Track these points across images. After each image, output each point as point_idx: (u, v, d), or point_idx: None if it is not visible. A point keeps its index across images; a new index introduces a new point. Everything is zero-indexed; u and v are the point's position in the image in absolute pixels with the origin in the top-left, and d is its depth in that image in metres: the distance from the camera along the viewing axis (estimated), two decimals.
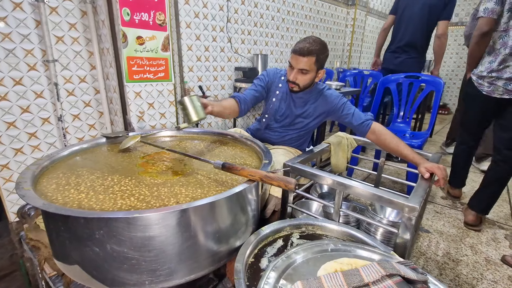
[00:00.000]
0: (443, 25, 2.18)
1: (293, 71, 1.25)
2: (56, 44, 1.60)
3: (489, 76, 1.46)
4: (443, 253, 1.37)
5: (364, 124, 1.27)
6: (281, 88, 1.40)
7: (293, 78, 1.26)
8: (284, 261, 0.83)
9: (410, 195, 0.92)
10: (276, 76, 1.42)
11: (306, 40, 1.21)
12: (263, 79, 1.42)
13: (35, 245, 1.28)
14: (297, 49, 1.21)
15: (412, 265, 0.79)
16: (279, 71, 1.44)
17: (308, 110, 1.37)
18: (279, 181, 0.77)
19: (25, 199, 0.68)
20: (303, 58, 1.20)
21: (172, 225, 0.70)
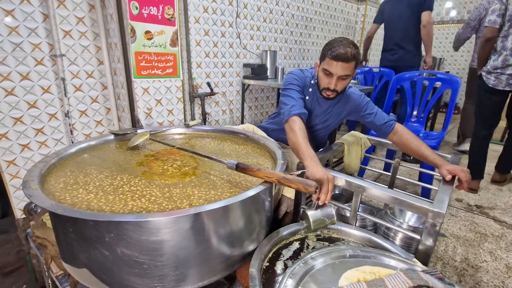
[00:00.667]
0: (426, 15, 2.38)
1: (332, 78, 1.12)
2: (64, 39, 1.57)
3: (494, 72, 1.82)
4: (461, 258, 1.32)
5: (387, 125, 1.21)
6: (310, 92, 1.29)
7: (334, 86, 1.13)
8: (301, 267, 0.79)
9: (434, 199, 0.87)
10: (306, 80, 1.29)
11: (343, 43, 1.07)
12: (298, 84, 1.25)
13: (41, 243, 1.25)
14: (339, 54, 1.06)
15: (438, 274, 0.74)
16: (306, 73, 1.30)
17: (331, 113, 1.31)
18: (298, 184, 0.72)
19: (33, 199, 0.65)
20: (347, 64, 1.08)
21: (186, 229, 0.66)
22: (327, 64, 1.11)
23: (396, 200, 0.88)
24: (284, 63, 2.93)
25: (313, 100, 1.30)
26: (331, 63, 1.09)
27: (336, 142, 1.45)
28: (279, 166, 0.92)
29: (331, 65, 1.10)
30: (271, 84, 2.36)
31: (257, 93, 2.74)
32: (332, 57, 1.08)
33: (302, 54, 3.12)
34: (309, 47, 3.19)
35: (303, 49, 3.12)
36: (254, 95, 2.71)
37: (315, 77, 1.27)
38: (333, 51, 1.07)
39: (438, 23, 5.29)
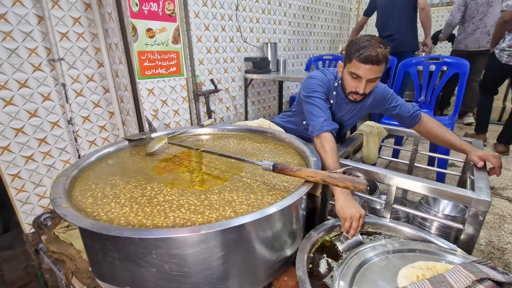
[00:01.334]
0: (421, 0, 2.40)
1: (361, 82, 1.03)
2: (61, 41, 1.48)
3: (508, 50, 2.12)
4: (485, 242, 1.33)
5: (413, 116, 1.18)
6: (334, 96, 1.20)
7: (363, 90, 1.04)
8: (349, 267, 0.76)
9: (475, 188, 0.86)
10: (330, 84, 1.19)
11: (373, 44, 0.96)
12: (323, 90, 1.15)
13: (59, 258, 1.20)
14: (369, 57, 0.95)
15: (490, 264, 0.73)
16: (329, 75, 1.20)
17: (355, 110, 1.24)
18: (346, 182, 0.69)
19: (69, 219, 0.60)
20: (377, 67, 0.98)
21: (238, 239, 0.63)
22: (354, 67, 1.01)
23: (436, 191, 0.86)
24: (284, 55, 2.87)
25: (337, 103, 1.22)
26: (359, 66, 0.99)
27: (355, 133, 1.43)
28: (312, 164, 0.89)
29: (359, 68, 1.00)
30: (276, 78, 2.31)
31: (259, 87, 2.69)
32: (360, 59, 0.98)
33: (300, 44, 3.07)
34: (307, 37, 3.13)
35: (302, 39, 3.06)
36: (256, 89, 2.66)
37: (338, 78, 1.18)
38: (362, 53, 0.97)
39: None
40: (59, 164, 1.58)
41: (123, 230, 0.55)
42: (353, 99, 1.12)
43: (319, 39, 3.37)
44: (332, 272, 0.78)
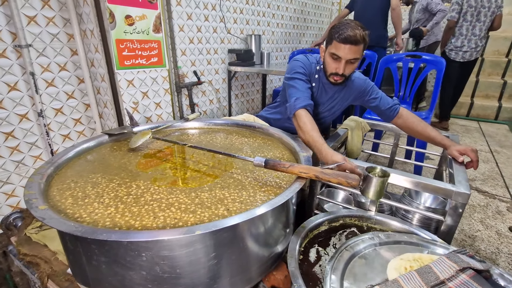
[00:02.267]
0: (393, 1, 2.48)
1: (340, 63, 1.08)
2: (28, 26, 1.35)
3: (454, 50, 2.79)
4: (458, 230, 1.42)
5: (392, 109, 1.22)
6: (316, 79, 1.23)
7: (342, 70, 1.09)
8: (340, 261, 0.78)
9: (455, 181, 0.90)
10: (312, 67, 1.23)
11: (351, 25, 1.02)
12: (305, 72, 1.19)
13: (31, 260, 1.12)
14: (348, 37, 1.01)
15: (468, 253, 0.77)
16: (310, 59, 1.24)
17: (337, 98, 1.27)
18: (339, 178, 0.70)
19: (48, 223, 0.55)
20: (356, 47, 1.03)
21: (232, 237, 0.61)
22: (335, 48, 1.07)
23: (420, 184, 0.89)
24: (267, 48, 2.84)
25: (319, 87, 1.26)
26: (339, 47, 1.05)
27: (340, 128, 1.45)
28: (303, 159, 0.89)
29: (339, 48, 1.05)
30: (261, 71, 2.28)
31: (243, 80, 2.65)
32: (340, 40, 1.03)
33: (284, 37, 3.05)
34: (291, 30, 3.12)
35: (285, 32, 3.04)
36: (240, 82, 2.62)
37: (320, 62, 1.23)
38: (341, 34, 1.03)
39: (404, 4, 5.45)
40: (29, 160, 1.47)
41: (110, 233, 0.52)
42: (334, 81, 1.15)
43: (302, 33, 3.36)
44: (321, 261, 0.80)
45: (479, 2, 2.48)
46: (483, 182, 1.93)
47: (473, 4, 2.49)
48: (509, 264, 1.21)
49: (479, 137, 2.92)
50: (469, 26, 2.62)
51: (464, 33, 2.65)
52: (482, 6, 2.48)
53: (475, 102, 3.64)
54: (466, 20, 2.61)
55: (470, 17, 2.58)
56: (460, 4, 2.55)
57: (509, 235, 1.38)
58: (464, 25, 2.63)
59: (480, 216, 1.54)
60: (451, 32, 2.73)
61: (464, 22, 2.62)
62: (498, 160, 2.33)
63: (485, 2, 2.46)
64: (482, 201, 1.69)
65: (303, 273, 0.75)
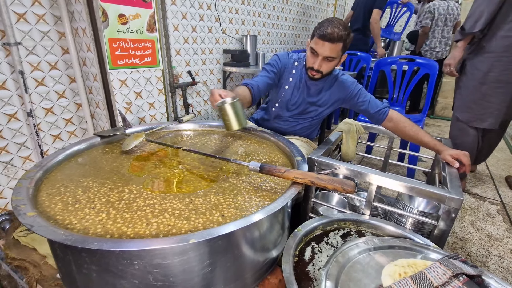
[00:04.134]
0: (374, 13, 2.71)
1: (317, 58, 1.12)
2: (17, 23, 1.31)
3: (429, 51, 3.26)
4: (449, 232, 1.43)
5: (381, 112, 1.22)
6: (294, 74, 1.27)
7: (318, 66, 1.13)
8: (334, 266, 0.78)
9: (448, 186, 0.91)
10: (289, 62, 1.28)
11: (333, 24, 1.06)
12: (275, 64, 1.27)
13: (20, 265, 1.09)
14: (325, 34, 1.05)
15: (461, 258, 0.78)
16: (291, 55, 1.31)
17: (323, 98, 1.28)
18: (335, 184, 0.69)
19: (37, 231, 0.53)
20: (332, 45, 1.07)
21: (228, 245, 0.60)
22: (314, 43, 1.12)
23: (414, 189, 0.90)
24: (262, 48, 2.83)
25: (299, 81, 1.28)
26: (317, 42, 1.10)
27: (335, 131, 1.45)
28: (299, 165, 0.89)
29: (317, 44, 1.10)
30: (256, 71, 2.27)
31: (238, 81, 2.63)
32: (319, 36, 1.08)
33: (279, 38, 3.04)
34: (286, 31, 3.12)
35: (281, 33, 3.04)
36: (235, 83, 2.60)
37: (302, 59, 1.27)
38: (321, 30, 1.07)
39: None
40: (17, 161, 1.43)
41: (102, 242, 0.50)
42: (311, 75, 1.20)
43: (297, 34, 3.37)
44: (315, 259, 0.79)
45: (446, 10, 3.07)
46: (474, 184, 1.96)
47: (442, 12, 3.07)
48: (499, 266, 1.23)
49: None
50: (439, 30, 3.15)
51: (436, 36, 3.19)
52: (448, 14, 3.08)
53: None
54: (437, 25, 3.14)
55: (440, 22, 3.12)
56: (432, 13, 3.10)
57: (498, 237, 1.41)
58: (436, 29, 3.16)
59: (471, 218, 1.56)
60: (425, 37, 3.23)
61: (436, 27, 3.15)
62: (488, 162, 2.37)
63: (449, 10, 3.07)
64: (473, 204, 1.71)
65: (296, 274, 0.76)
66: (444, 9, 3.06)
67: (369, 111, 1.25)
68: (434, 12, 3.07)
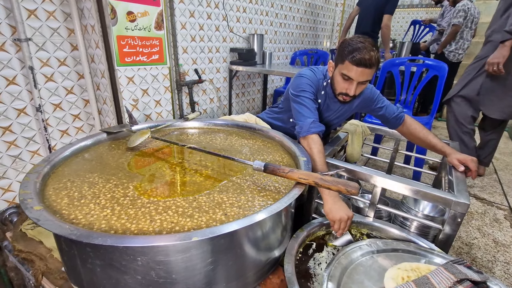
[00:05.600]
0: (386, 18, 2.69)
1: (352, 84, 1.02)
2: (28, 20, 1.33)
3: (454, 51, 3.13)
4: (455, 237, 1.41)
5: (398, 117, 1.20)
6: (323, 95, 1.18)
7: (353, 92, 1.04)
8: (337, 268, 0.77)
9: (455, 190, 0.90)
10: (319, 83, 1.17)
11: (366, 47, 0.96)
12: (312, 90, 1.13)
13: (26, 257, 1.11)
14: (362, 60, 0.95)
15: (466, 263, 0.77)
16: (318, 74, 1.18)
17: (342, 110, 1.24)
18: (339, 186, 0.69)
19: (43, 224, 0.54)
20: (369, 70, 0.98)
21: (230, 243, 0.60)
22: (346, 69, 1.00)
23: (419, 192, 0.89)
24: (269, 47, 2.82)
25: (325, 103, 1.21)
26: (351, 68, 0.98)
27: (340, 132, 1.44)
28: (302, 164, 0.88)
29: (351, 70, 0.99)
30: (262, 71, 2.27)
31: (244, 79, 2.64)
32: (353, 62, 0.97)
33: (286, 37, 3.03)
34: (293, 30, 3.10)
35: (288, 32, 3.03)
36: (241, 81, 2.60)
37: (327, 77, 1.16)
38: (355, 55, 0.96)
39: (408, 7, 5.45)
40: (26, 155, 1.46)
41: (106, 238, 0.51)
42: (343, 100, 1.11)
43: (305, 33, 3.35)
44: (316, 261, 0.79)
45: (473, 12, 2.95)
46: (482, 189, 1.93)
47: (472, 13, 2.94)
48: (505, 273, 1.21)
49: None
50: (468, 32, 3.03)
51: (464, 37, 3.05)
52: (474, 16, 2.96)
53: None
54: (467, 26, 3.00)
55: (470, 23, 2.98)
56: (466, 12, 2.91)
57: (505, 243, 1.38)
58: (465, 30, 3.02)
59: (478, 223, 1.54)
60: (454, 36, 3.05)
61: (465, 27, 3.00)
62: (497, 167, 2.33)
63: (475, 14, 2.97)
64: (480, 208, 1.69)
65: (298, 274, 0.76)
66: (473, 11, 2.92)
67: (386, 117, 1.23)
68: (468, 11, 2.89)
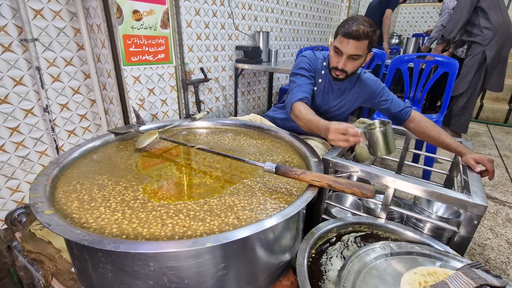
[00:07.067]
0: (387, 12, 3.06)
1: (341, 57, 1.06)
2: (34, 20, 1.33)
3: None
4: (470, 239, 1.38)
5: (403, 112, 1.18)
6: (323, 75, 1.20)
7: (342, 65, 1.07)
8: (350, 272, 0.76)
9: (471, 191, 0.87)
10: (318, 63, 1.21)
11: (358, 21, 1.00)
12: (310, 68, 1.18)
13: (36, 258, 1.11)
14: (350, 31, 0.99)
15: (484, 267, 0.75)
16: (318, 55, 1.23)
17: (346, 98, 1.24)
18: (353, 189, 0.67)
19: (54, 230, 0.53)
20: (357, 43, 1.01)
21: (243, 248, 0.59)
22: (338, 42, 1.06)
23: (434, 194, 0.86)
24: (275, 45, 2.80)
25: (326, 84, 1.23)
26: (342, 41, 1.04)
27: None
28: (313, 165, 0.86)
29: (342, 42, 1.04)
30: (268, 69, 2.24)
31: (249, 78, 2.61)
32: (343, 34, 1.02)
33: (292, 35, 3.00)
34: (299, 27, 3.07)
35: (293, 29, 2.99)
36: (247, 79, 2.58)
37: (327, 58, 1.20)
38: (346, 28, 1.01)
39: (414, 2, 5.37)
40: (34, 156, 1.46)
41: (118, 244, 0.50)
42: (336, 76, 1.14)
43: (310, 30, 3.31)
44: (328, 264, 0.77)
45: None
46: (493, 188, 1.89)
47: None
48: None
49: (488, 141, 2.87)
50: None
51: None
52: None
53: (484, 104, 3.57)
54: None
55: None
56: None
57: None
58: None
59: (490, 223, 1.51)
60: None
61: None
62: (508, 165, 2.28)
63: None
64: (492, 208, 1.65)
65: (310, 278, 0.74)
66: None
67: (391, 111, 1.21)
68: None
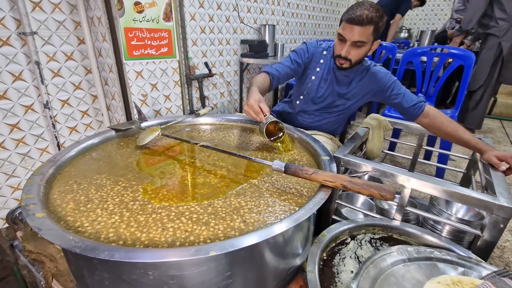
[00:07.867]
0: (396, 17, 3.11)
1: (345, 44, 1.03)
2: (33, 12, 1.28)
3: None
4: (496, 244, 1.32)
5: (416, 107, 1.11)
6: (322, 64, 1.18)
7: (345, 53, 1.03)
8: (365, 278, 0.70)
9: (496, 192, 0.80)
10: (317, 51, 1.20)
11: (363, 6, 0.96)
12: (302, 54, 1.19)
13: (36, 258, 1.08)
14: (354, 17, 0.96)
15: (511, 274, 0.69)
16: (320, 43, 1.22)
17: (353, 90, 1.18)
18: (371, 190, 0.61)
19: (44, 235, 0.49)
20: (361, 28, 0.97)
21: (250, 255, 0.54)
22: (342, 28, 1.03)
23: (456, 195, 0.80)
24: (281, 39, 2.72)
25: (328, 73, 1.19)
26: (345, 27, 1.00)
27: (361, 127, 1.35)
28: (326, 165, 0.81)
29: (345, 29, 1.01)
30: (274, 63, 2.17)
31: (255, 73, 2.55)
32: (346, 19, 0.99)
33: (298, 28, 2.92)
34: (306, 20, 2.98)
35: (300, 22, 2.91)
36: (252, 74, 2.52)
37: (332, 48, 1.16)
38: (349, 14, 0.98)
39: None
40: (35, 153, 1.43)
41: (113, 252, 0.45)
42: (339, 64, 1.11)
43: (317, 23, 3.22)
44: (341, 269, 0.72)
45: None
46: (510, 185, 1.81)
47: None
48: None
49: (502, 137, 2.76)
50: None
51: None
52: None
53: (498, 99, 3.45)
54: None
55: None
56: None
57: None
58: None
59: (509, 224, 1.43)
60: None
61: None
62: None
63: None
64: None
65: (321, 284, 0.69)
66: None
67: (402, 105, 1.14)
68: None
